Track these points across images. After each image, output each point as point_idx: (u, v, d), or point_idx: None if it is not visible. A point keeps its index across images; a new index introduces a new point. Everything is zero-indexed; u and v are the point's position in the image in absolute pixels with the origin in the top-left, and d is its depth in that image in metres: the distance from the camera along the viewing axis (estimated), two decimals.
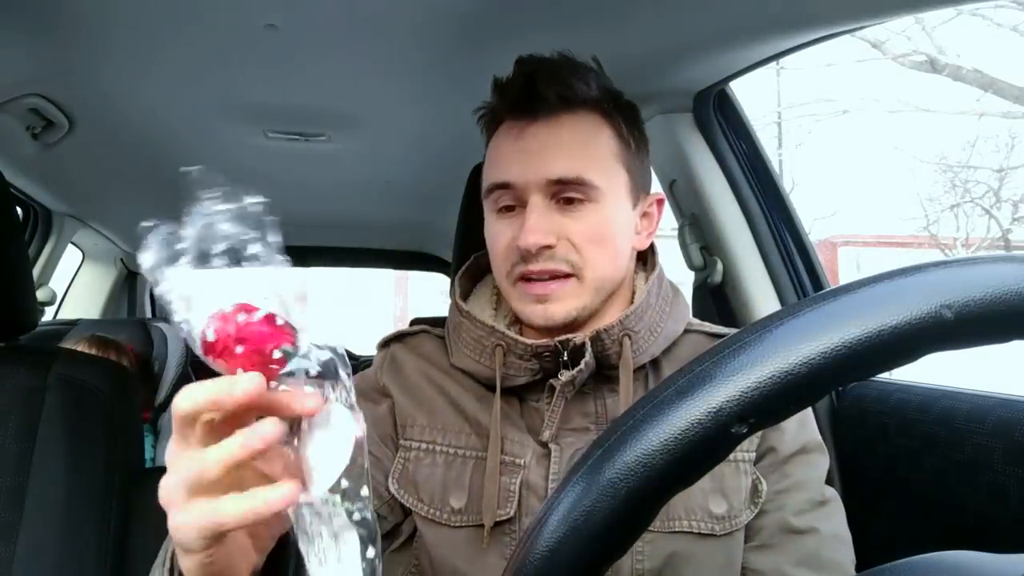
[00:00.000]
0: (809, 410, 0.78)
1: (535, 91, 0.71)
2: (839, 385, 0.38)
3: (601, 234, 0.71)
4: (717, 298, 1.32)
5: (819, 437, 0.76)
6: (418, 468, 0.74)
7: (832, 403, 1.14)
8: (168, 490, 0.40)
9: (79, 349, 1.66)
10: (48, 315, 2.37)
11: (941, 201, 10.61)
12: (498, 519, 0.69)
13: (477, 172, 1.05)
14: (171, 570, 0.46)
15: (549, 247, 0.69)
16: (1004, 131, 9.35)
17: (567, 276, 0.70)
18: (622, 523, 0.30)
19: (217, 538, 0.39)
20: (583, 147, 0.71)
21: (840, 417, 1.11)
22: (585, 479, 0.30)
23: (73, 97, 1.38)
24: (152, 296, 3.02)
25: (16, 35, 1.12)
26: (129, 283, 2.77)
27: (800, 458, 0.74)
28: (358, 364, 1.40)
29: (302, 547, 0.40)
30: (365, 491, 0.41)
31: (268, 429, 0.38)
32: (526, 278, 0.71)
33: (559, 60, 0.74)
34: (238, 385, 0.37)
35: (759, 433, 0.72)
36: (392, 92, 1.39)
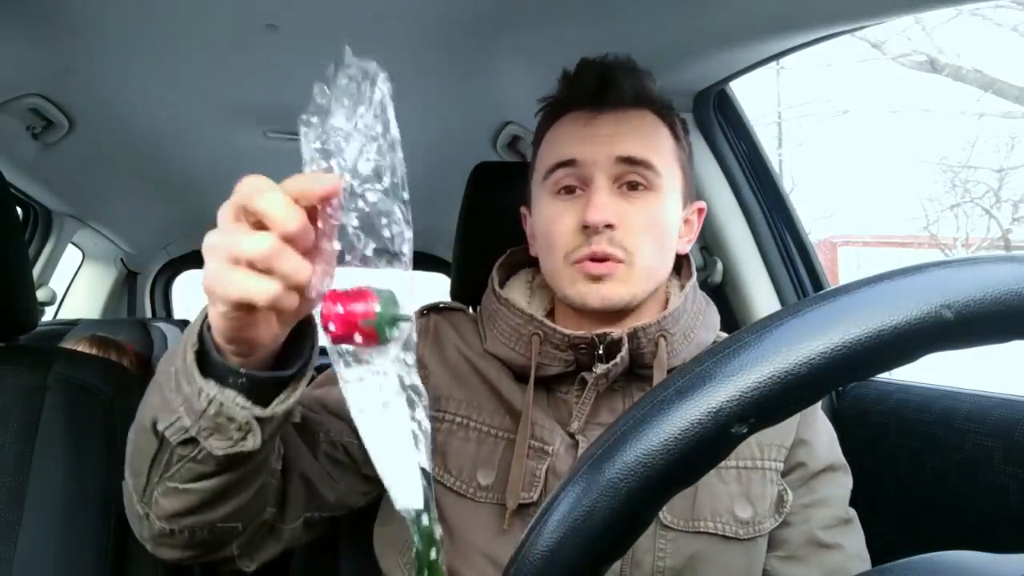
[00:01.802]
0: (833, 431, 0.80)
1: (611, 83, 0.74)
2: (839, 385, 0.38)
3: (657, 223, 0.73)
4: (717, 298, 1.31)
5: (843, 458, 0.78)
6: (449, 441, 0.75)
7: (832, 403, 1.14)
8: (213, 247, 0.45)
9: (79, 349, 1.66)
10: (48, 315, 2.37)
11: (941, 201, 10.62)
12: (522, 502, 0.70)
13: (477, 172, 1.05)
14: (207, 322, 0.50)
15: (612, 227, 0.71)
16: (1004, 131, 9.35)
17: (619, 262, 0.72)
18: (622, 523, 0.30)
19: (241, 305, 0.44)
20: (649, 136, 0.74)
21: (840, 417, 1.11)
22: (585, 479, 0.30)
23: (73, 97, 1.38)
24: (152, 296, 3.02)
25: (16, 35, 1.12)
26: (129, 283, 2.77)
27: (828, 475, 0.75)
28: None
29: (355, 419, 0.45)
30: (411, 359, 0.45)
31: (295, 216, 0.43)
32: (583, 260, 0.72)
33: (628, 61, 0.77)
34: (323, 184, 0.43)
35: (788, 445, 0.74)
36: (392, 92, 1.39)
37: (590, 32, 1.06)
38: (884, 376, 1.11)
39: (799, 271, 1.27)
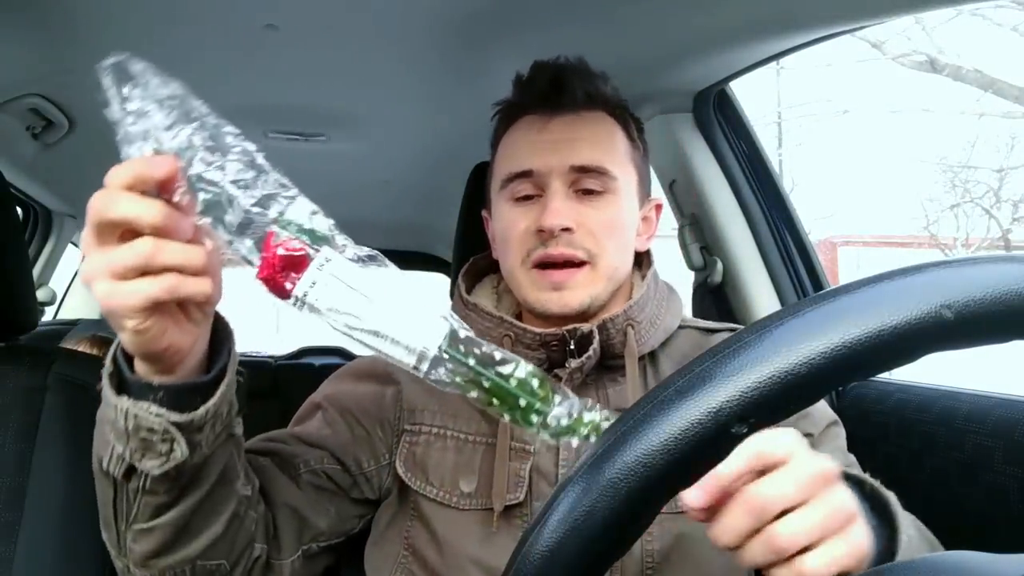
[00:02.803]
0: None
1: (563, 86, 0.75)
2: (839, 385, 0.38)
3: (616, 224, 0.74)
4: (717, 298, 1.32)
5: (833, 412, 0.79)
6: (428, 452, 0.75)
7: (832, 403, 1.14)
8: (94, 272, 0.45)
9: (79, 349, 1.66)
10: (48, 315, 2.37)
11: (941, 201, 10.61)
12: (508, 503, 0.70)
13: (477, 172, 1.05)
14: (122, 349, 0.51)
15: (570, 230, 0.72)
16: (1004, 131, 9.34)
17: (582, 264, 0.73)
18: (622, 523, 0.30)
19: (148, 310, 0.45)
20: (603, 140, 0.75)
21: (840, 417, 1.11)
22: (585, 479, 0.30)
23: (73, 97, 1.38)
24: None
25: (16, 35, 1.12)
26: None
27: (826, 433, 0.76)
28: None
29: (349, 323, 0.46)
30: (339, 237, 0.47)
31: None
32: (542, 265, 0.73)
33: (580, 63, 0.78)
34: (158, 164, 0.44)
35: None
36: (391, 92, 1.39)
37: (590, 32, 1.06)
38: (884, 376, 1.11)
39: (799, 271, 1.27)
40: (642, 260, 0.84)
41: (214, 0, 1.05)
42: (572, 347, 0.72)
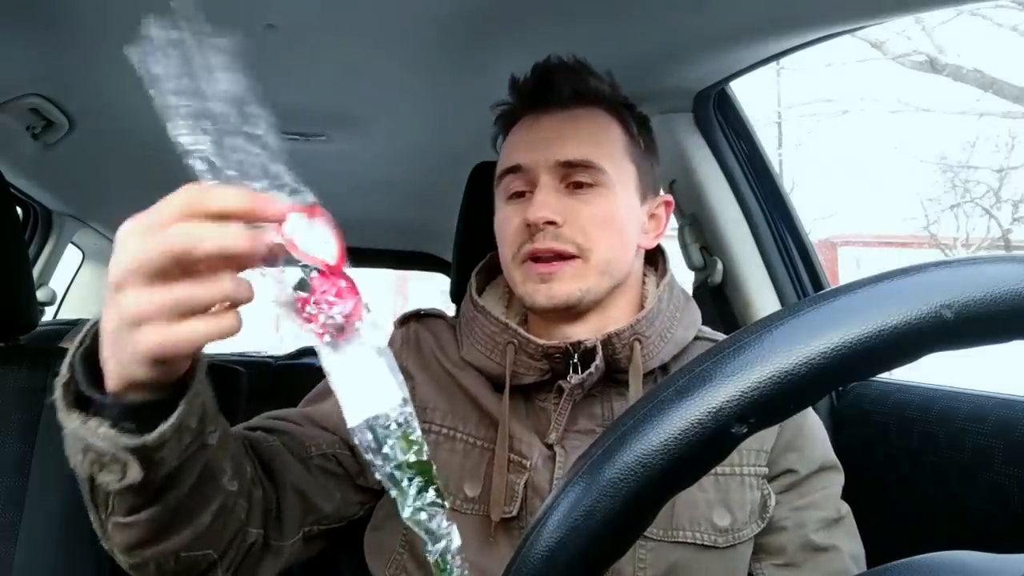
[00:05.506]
0: (824, 431, 0.79)
1: (550, 84, 0.75)
2: (839, 385, 0.38)
3: (608, 218, 0.73)
4: (717, 298, 1.32)
5: (835, 457, 0.77)
6: (436, 453, 0.74)
7: (832, 403, 1.14)
8: (156, 309, 0.40)
9: None
10: (48, 315, 2.37)
11: (941, 201, 10.61)
12: (504, 515, 0.70)
13: (477, 172, 1.05)
14: (87, 344, 0.46)
15: (555, 223, 0.71)
16: (1004, 131, 9.34)
17: (572, 257, 0.71)
18: (622, 523, 0.30)
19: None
20: (593, 135, 0.74)
21: (840, 417, 1.11)
22: (585, 479, 0.30)
23: (73, 97, 1.38)
24: None
25: (16, 35, 1.12)
26: None
27: (817, 477, 0.75)
28: None
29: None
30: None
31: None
32: (533, 258, 0.72)
33: (573, 61, 0.78)
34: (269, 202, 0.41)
35: (768, 449, 0.74)
36: (392, 92, 1.39)
37: (590, 32, 1.06)
38: (884, 376, 1.11)
39: (799, 271, 1.27)
40: (657, 263, 0.82)
41: (214, 0, 1.05)
42: (575, 361, 0.71)
